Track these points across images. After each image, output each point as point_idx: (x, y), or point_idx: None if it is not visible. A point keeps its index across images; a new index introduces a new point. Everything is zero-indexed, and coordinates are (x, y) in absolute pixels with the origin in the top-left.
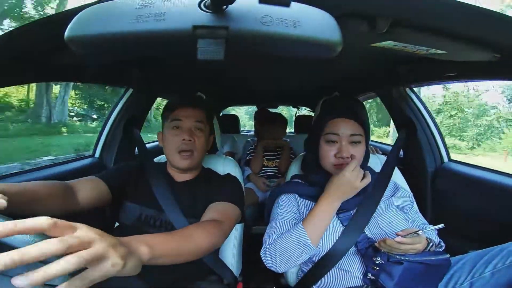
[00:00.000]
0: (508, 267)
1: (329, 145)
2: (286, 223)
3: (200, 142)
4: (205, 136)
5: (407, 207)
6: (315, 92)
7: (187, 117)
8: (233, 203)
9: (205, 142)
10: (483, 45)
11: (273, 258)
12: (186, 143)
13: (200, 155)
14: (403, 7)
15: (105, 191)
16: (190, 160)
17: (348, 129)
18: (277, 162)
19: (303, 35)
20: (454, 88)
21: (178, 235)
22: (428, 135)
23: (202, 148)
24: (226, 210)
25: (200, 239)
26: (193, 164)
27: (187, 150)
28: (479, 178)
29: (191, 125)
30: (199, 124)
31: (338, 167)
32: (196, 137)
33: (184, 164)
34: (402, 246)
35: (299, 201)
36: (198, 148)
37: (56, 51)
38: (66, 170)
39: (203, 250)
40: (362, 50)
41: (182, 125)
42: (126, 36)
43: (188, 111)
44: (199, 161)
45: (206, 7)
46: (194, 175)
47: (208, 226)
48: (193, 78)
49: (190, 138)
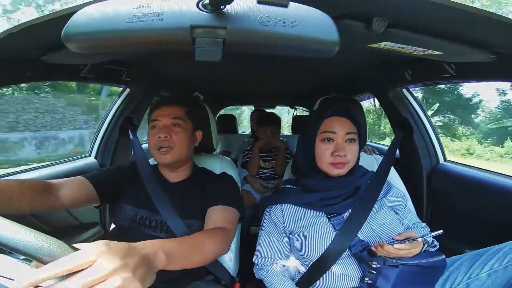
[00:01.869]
0: (504, 268)
1: (325, 143)
2: (273, 239)
3: (179, 137)
4: (186, 132)
5: (400, 207)
6: (312, 92)
7: (163, 116)
8: (234, 207)
9: (186, 138)
10: (479, 46)
11: (261, 278)
12: (162, 140)
13: (180, 150)
14: (400, 9)
15: (91, 191)
16: (169, 155)
17: (344, 127)
18: (273, 163)
19: (300, 35)
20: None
21: (189, 242)
22: (424, 136)
23: (182, 143)
24: (230, 216)
25: (209, 248)
26: (174, 159)
27: (165, 146)
28: (474, 178)
29: (168, 122)
30: (176, 120)
31: (334, 165)
32: (174, 133)
33: (164, 159)
34: (400, 252)
35: (284, 211)
36: (176, 143)
37: (53, 50)
38: (62, 170)
39: (210, 258)
40: (359, 51)
41: (159, 124)
42: (123, 36)
43: (164, 110)
44: (182, 156)
45: (204, 7)
46: (186, 175)
47: (217, 235)
48: (190, 78)
49: (166, 135)
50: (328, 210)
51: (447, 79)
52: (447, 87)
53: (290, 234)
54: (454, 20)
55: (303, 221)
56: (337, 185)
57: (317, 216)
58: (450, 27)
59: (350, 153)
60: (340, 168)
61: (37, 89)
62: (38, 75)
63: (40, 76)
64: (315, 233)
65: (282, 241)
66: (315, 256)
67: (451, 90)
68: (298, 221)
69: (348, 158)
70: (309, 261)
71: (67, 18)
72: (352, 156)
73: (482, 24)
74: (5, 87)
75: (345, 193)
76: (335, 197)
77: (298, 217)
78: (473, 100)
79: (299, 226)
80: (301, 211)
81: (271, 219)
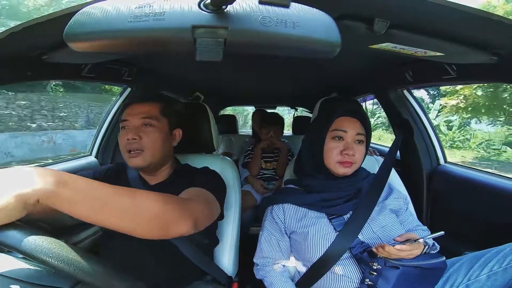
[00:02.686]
0: (504, 270)
1: (335, 141)
2: (274, 238)
3: (150, 139)
4: (159, 132)
5: (401, 210)
6: (313, 93)
7: (133, 115)
8: (210, 191)
9: (160, 139)
10: (480, 47)
11: (261, 279)
12: (130, 143)
13: (152, 153)
14: (402, 10)
15: None
16: (139, 158)
17: (355, 128)
18: (275, 164)
19: (302, 36)
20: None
21: (115, 187)
22: (425, 137)
23: (154, 145)
24: (199, 193)
25: (145, 203)
26: (146, 163)
27: (134, 149)
28: (475, 180)
29: (138, 122)
30: (147, 120)
31: (341, 164)
32: (145, 134)
33: (133, 163)
34: (401, 253)
35: (285, 211)
36: (147, 146)
37: (54, 50)
38: (64, 169)
39: (146, 218)
40: (360, 52)
41: (128, 125)
42: (124, 35)
43: (134, 108)
44: (155, 159)
45: (206, 7)
46: (165, 176)
47: (165, 196)
48: (191, 77)
49: (134, 136)
50: (329, 211)
51: (448, 80)
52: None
53: (290, 234)
54: (455, 21)
55: (304, 222)
56: (339, 187)
57: (318, 216)
58: (451, 28)
59: (358, 153)
60: (347, 167)
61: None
62: (39, 74)
63: (41, 75)
64: (315, 234)
65: (283, 241)
66: (316, 257)
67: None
68: (299, 221)
69: (356, 158)
70: (309, 261)
71: (68, 18)
72: (360, 157)
73: (484, 25)
74: (10, 86)
75: (346, 194)
76: (337, 198)
77: (299, 217)
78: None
79: (300, 226)
80: (302, 211)
81: (273, 219)
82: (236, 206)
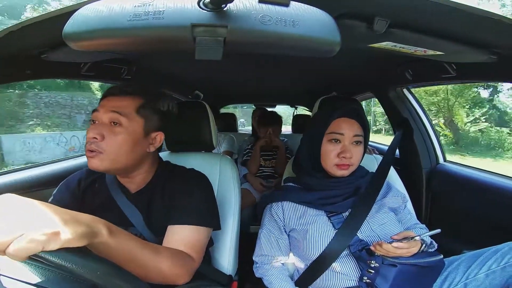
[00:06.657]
0: (502, 268)
1: (332, 144)
2: (273, 236)
3: (113, 141)
4: (128, 134)
5: (399, 208)
6: (313, 92)
7: (104, 108)
8: (204, 225)
9: (127, 142)
10: (479, 46)
11: (261, 277)
12: (90, 142)
13: (113, 158)
14: (402, 9)
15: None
16: (96, 160)
17: (352, 129)
18: (273, 162)
19: (301, 34)
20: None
21: (145, 243)
22: (424, 136)
23: (118, 149)
24: (197, 241)
25: (164, 263)
26: (103, 167)
27: (92, 149)
28: (474, 178)
29: (106, 118)
30: (116, 115)
31: (339, 167)
32: (110, 134)
33: (90, 164)
34: (399, 251)
35: (285, 208)
36: (108, 149)
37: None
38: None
39: (160, 275)
40: (360, 51)
41: (97, 118)
42: (124, 34)
43: (109, 100)
44: (118, 165)
45: (205, 5)
46: (145, 180)
47: (180, 257)
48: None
49: (94, 135)
50: (328, 209)
51: (448, 79)
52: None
53: (289, 232)
54: (455, 20)
55: (303, 219)
56: (338, 185)
57: (317, 214)
58: (451, 27)
59: (356, 155)
60: (344, 169)
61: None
62: (38, 73)
63: (41, 74)
64: (315, 232)
65: (282, 239)
66: (315, 255)
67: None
68: (299, 219)
69: (353, 160)
70: (308, 259)
71: (68, 16)
72: (357, 158)
73: (483, 25)
74: (7, 84)
75: (345, 192)
76: (336, 196)
77: (298, 215)
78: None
79: (299, 224)
80: (302, 209)
81: (272, 216)
82: (235, 205)
